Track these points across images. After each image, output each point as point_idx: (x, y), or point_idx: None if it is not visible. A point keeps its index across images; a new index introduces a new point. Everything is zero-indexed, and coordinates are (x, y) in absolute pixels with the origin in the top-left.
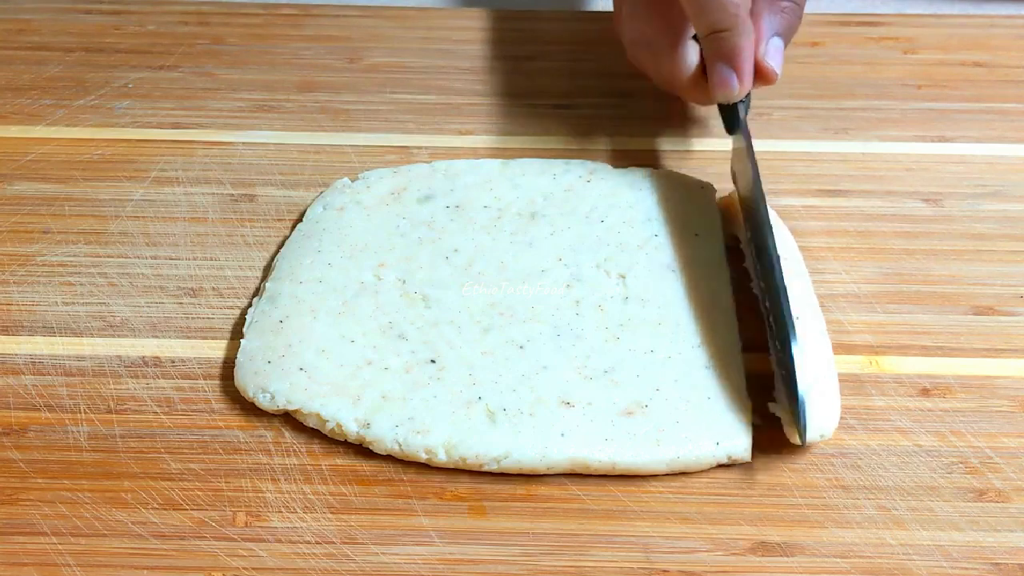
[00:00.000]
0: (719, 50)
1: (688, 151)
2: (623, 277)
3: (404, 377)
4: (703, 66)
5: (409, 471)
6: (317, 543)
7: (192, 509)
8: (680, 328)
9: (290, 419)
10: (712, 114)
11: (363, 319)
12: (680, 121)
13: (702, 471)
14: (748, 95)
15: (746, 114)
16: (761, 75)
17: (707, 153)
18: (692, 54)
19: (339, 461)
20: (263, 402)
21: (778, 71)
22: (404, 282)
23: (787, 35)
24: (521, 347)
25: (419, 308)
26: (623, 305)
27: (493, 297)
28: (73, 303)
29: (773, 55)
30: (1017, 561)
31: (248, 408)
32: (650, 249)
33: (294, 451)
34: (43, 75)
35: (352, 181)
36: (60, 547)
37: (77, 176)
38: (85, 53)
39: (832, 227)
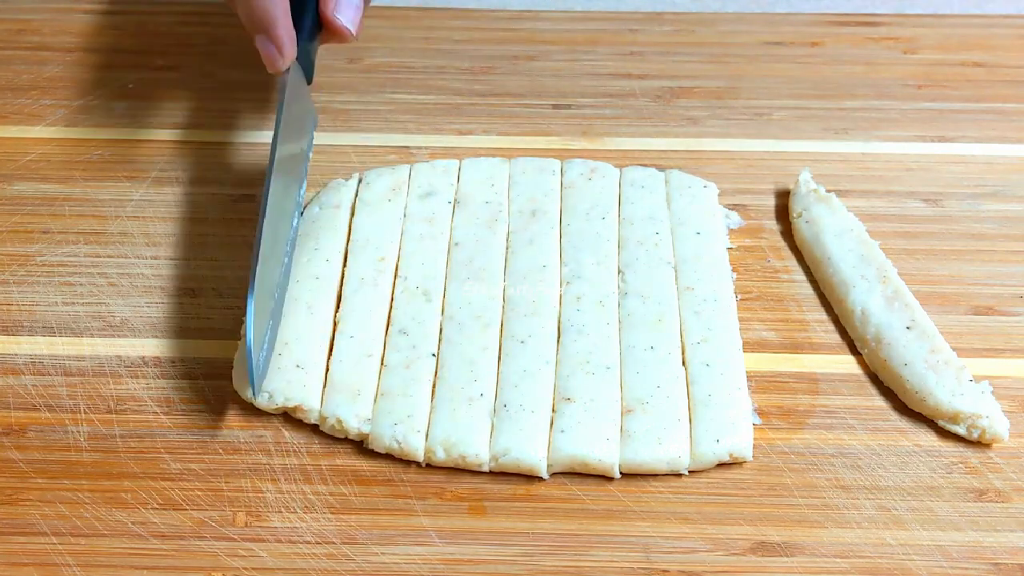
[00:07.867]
0: (252, 21)
1: (688, 151)
2: (623, 274)
3: (404, 373)
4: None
5: (409, 471)
6: (317, 543)
7: (192, 509)
8: (680, 325)
9: (290, 419)
10: (710, 114)
11: (362, 315)
12: (679, 121)
13: (702, 471)
14: (308, 62)
15: (300, 76)
16: (333, 32)
17: (707, 153)
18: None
19: (339, 461)
20: (262, 402)
21: (351, 27)
22: (405, 278)
23: None
24: (522, 342)
25: (419, 303)
26: (623, 302)
27: (494, 293)
28: (73, 303)
29: (344, 10)
30: (1017, 561)
31: (248, 408)
32: (650, 247)
33: (294, 451)
34: (43, 75)
35: (346, 180)
36: (60, 547)
37: (77, 176)
38: (85, 53)
39: None
